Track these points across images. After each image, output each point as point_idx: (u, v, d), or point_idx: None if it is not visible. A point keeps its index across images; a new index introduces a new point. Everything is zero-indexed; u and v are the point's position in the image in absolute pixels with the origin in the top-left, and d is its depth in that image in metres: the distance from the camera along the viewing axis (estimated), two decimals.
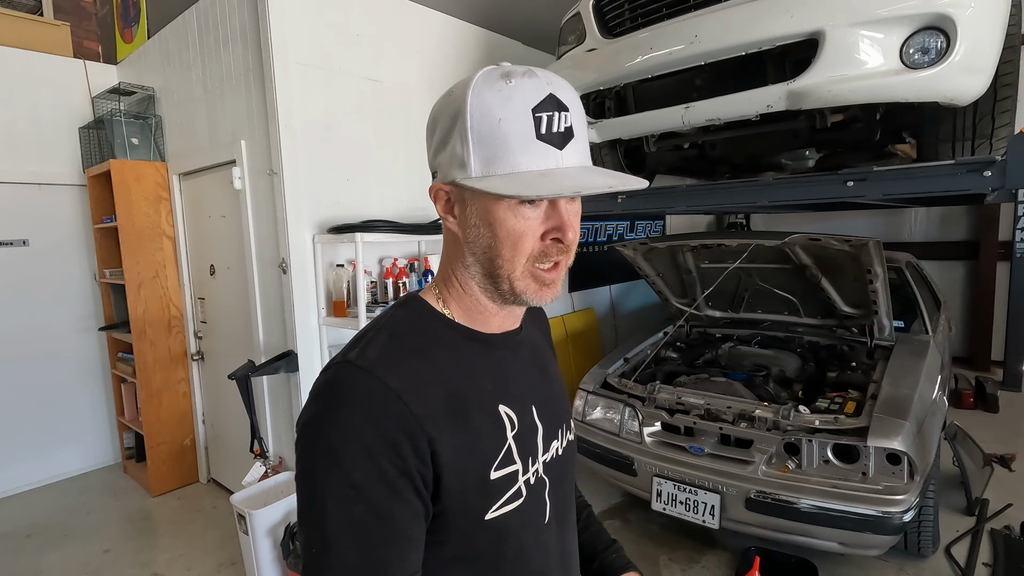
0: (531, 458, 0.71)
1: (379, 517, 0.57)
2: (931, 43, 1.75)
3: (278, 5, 2.48)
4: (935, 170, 1.99)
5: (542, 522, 0.73)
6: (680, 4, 2.16)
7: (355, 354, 0.63)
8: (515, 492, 0.67)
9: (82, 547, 2.95)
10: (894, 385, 2.44)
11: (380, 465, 0.57)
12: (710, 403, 2.55)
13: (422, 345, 0.66)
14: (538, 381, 0.78)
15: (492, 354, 0.71)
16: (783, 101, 1.92)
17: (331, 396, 0.60)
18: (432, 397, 0.62)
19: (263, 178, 2.67)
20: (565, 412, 0.82)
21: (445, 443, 0.61)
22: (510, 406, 0.70)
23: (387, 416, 0.58)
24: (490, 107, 0.60)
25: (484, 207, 0.63)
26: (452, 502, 0.62)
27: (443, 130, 0.63)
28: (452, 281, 0.70)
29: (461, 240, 0.67)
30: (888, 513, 2.04)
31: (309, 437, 0.60)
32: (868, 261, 2.41)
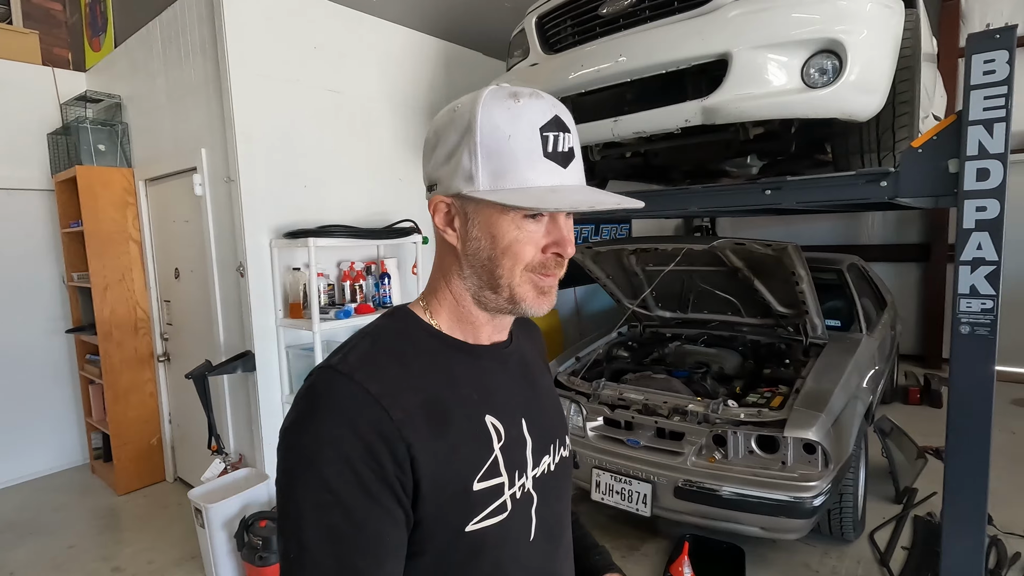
0: (518, 471, 0.70)
1: (355, 524, 0.56)
2: (827, 65, 1.91)
3: (235, 19, 2.60)
4: (839, 180, 2.15)
5: (525, 539, 0.71)
6: (609, 24, 2.31)
7: (336, 360, 0.63)
8: (499, 506, 0.66)
9: (48, 544, 3.03)
10: (817, 380, 2.60)
11: (357, 471, 0.57)
12: (648, 399, 2.69)
13: (404, 353, 0.66)
14: (528, 394, 0.77)
15: (477, 364, 0.71)
16: (699, 116, 2.07)
17: (310, 401, 0.60)
18: (411, 403, 0.61)
19: (222, 185, 2.78)
20: (558, 427, 0.81)
21: (424, 449, 0.60)
22: (496, 417, 0.69)
23: (365, 421, 0.58)
24: (499, 124, 0.62)
25: (488, 220, 0.65)
26: (431, 510, 0.61)
27: (448, 144, 0.65)
28: (443, 292, 0.71)
29: (459, 252, 0.68)
30: (800, 498, 2.19)
31: (288, 442, 0.60)
32: (790, 264, 2.57)
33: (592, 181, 3.29)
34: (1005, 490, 3.17)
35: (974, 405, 1.90)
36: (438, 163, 0.66)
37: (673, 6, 2.15)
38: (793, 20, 1.89)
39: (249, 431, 2.91)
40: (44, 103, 3.78)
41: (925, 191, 1.98)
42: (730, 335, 3.44)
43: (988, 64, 1.77)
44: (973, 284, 1.88)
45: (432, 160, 0.67)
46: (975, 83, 1.79)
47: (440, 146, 0.66)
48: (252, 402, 2.82)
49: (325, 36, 2.96)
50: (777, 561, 2.62)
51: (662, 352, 3.36)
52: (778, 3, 1.92)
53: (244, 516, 2.49)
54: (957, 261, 1.90)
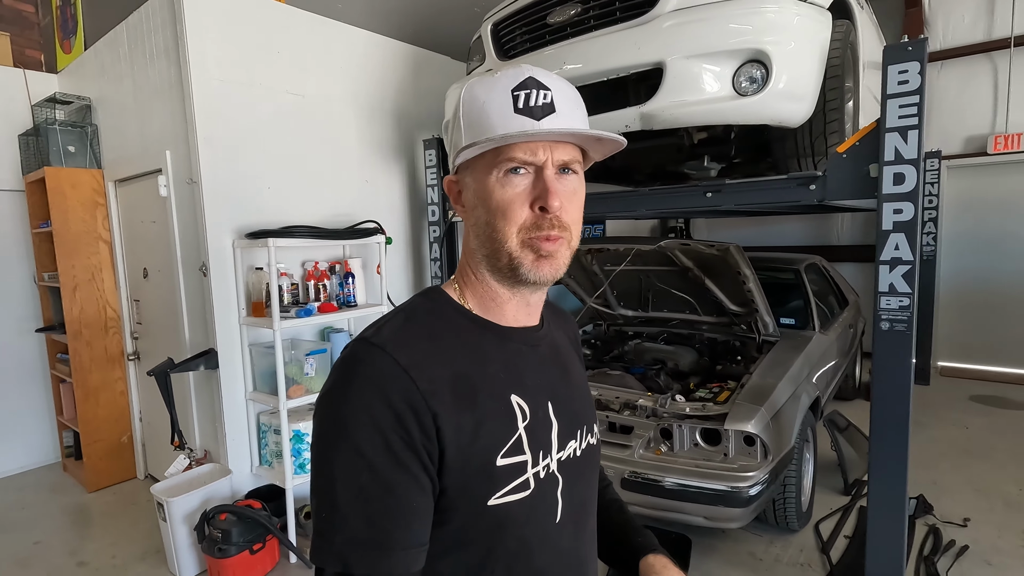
0: (543, 452, 0.71)
1: (384, 486, 0.59)
2: (756, 74, 2.01)
3: (196, 24, 2.66)
4: (772, 183, 2.25)
5: (552, 521, 0.73)
6: (557, 32, 2.40)
7: (371, 332, 0.67)
8: (522, 483, 0.68)
9: (14, 539, 3.07)
10: (761, 376, 2.70)
11: (387, 437, 0.60)
12: (601, 394, 2.78)
13: (435, 329, 0.69)
14: (556, 379, 0.78)
15: (506, 346, 0.73)
16: (638, 122, 2.16)
17: (345, 370, 0.64)
18: (439, 376, 0.64)
19: (185, 186, 2.84)
20: (587, 414, 0.82)
21: (449, 421, 0.63)
22: (522, 397, 0.71)
23: (395, 390, 0.61)
24: (476, 94, 0.68)
25: (478, 184, 0.69)
26: (454, 482, 0.64)
27: (449, 129, 0.72)
28: (467, 271, 0.74)
29: (469, 227, 0.72)
30: (737, 488, 2.29)
31: (323, 408, 0.64)
32: (734, 264, 2.67)
33: None
34: (950, 482, 3.29)
35: (894, 396, 2.00)
36: (449, 149, 0.72)
37: (614, 16, 2.24)
38: (723, 32, 1.99)
39: (213, 428, 2.96)
40: (15, 104, 3.81)
41: (850, 194, 2.08)
42: (689, 333, 3.54)
43: (902, 75, 1.87)
44: (892, 283, 1.98)
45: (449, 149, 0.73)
46: (891, 92, 1.90)
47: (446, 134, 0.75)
48: (215, 399, 2.87)
49: (288, 40, 3.03)
50: (724, 550, 2.71)
51: (622, 349, 3.45)
52: (709, 15, 2.02)
53: (205, 510, 2.55)
54: (877, 261, 2.01)
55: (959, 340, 5.69)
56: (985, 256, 5.55)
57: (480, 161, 0.68)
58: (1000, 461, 3.53)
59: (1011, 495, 3.11)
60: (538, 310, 0.79)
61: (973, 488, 3.21)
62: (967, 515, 2.92)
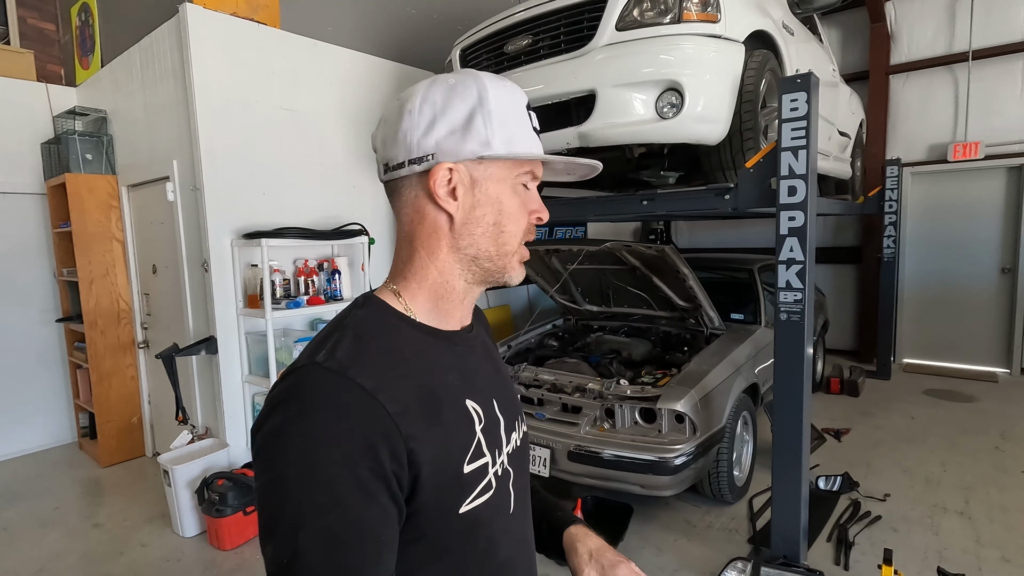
0: (497, 450, 0.73)
1: (353, 524, 0.56)
2: (675, 100, 2.34)
3: (200, 49, 3.02)
4: (694, 194, 2.59)
5: (508, 512, 0.75)
6: (513, 60, 2.74)
7: (322, 356, 0.62)
8: (486, 484, 0.69)
9: (36, 506, 3.45)
10: (698, 364, 3.04)
11: (356, 471, 0.56)
12: (557, 379, 3.12)
13: (389, 343, 0.66)
14: (494, 376, 0.80)
15: (454, 350, 0.72)
16: (576, 140, 2.50)
17: (300, 402, 0.59)
18: (406, 394, 0.62)
19: (190, 192, 3.21)
20: (518, 404, 0.85)
21: (422, 440, 0.61)
22: (475, 400, 0.71)
23: (363, 419, 0.58)
24: (503, 97, 0.69)
25: (496, 185, 0.69)
26: (429, 498, 0.62)
27: (457, 113, 0.67)
28: (426, 271, 0.71)
29: (457, 223, 0.69)
30: (664, 458, 2.62)
31: (275, 447, 0.58)
32: (672, 263, 3.00)
33: None
34: (882, 463, 3.60)
35: (792, 378, 2.33)
36: (442, 132, 0.67)
37: (560, 48, 2.58)
38: (644, 64, 2.33)
39: (213, 406, 3.33)
40: (38, 116, 4.20)
41: (757, 203, 2.41)
42: (646, 327, 3.87)
43: (793, 103, 2.20)
44: (788, 280, 2.31)
45: (432, 130, 0.67)
46: (785, 117, 2.22)
47: (444, 116, 0.67)
48: (214, 380, 3.24)
49: (281, 62, 3.39)
50: (663, 518, 3.05)
51: (584, 341, 3.79)
52: (634, 50, 2.36)
53: (205, 476, 2.92)
54: (776, 261, 2.34)
55: (921, 338, 5.99)
56: (946, 258, 5.85)
57: (495, 165, 0.69)
58: (932, 446, 3.84)
59: (933, 474, 3.42)
60: (472, 311, 0.80)
61: (901, 468, 3.52)
62: (889, 491, 3.23)
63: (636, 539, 2.85)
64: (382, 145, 0.70)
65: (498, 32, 2.81)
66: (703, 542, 2.81)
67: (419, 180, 0.69)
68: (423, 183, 0.68)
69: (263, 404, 0.62)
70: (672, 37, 2.35)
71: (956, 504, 3.08)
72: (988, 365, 5.64)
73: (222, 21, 3.10)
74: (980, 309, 5.67)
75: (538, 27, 2.65)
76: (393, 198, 0.72)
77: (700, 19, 2.39)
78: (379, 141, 0.71)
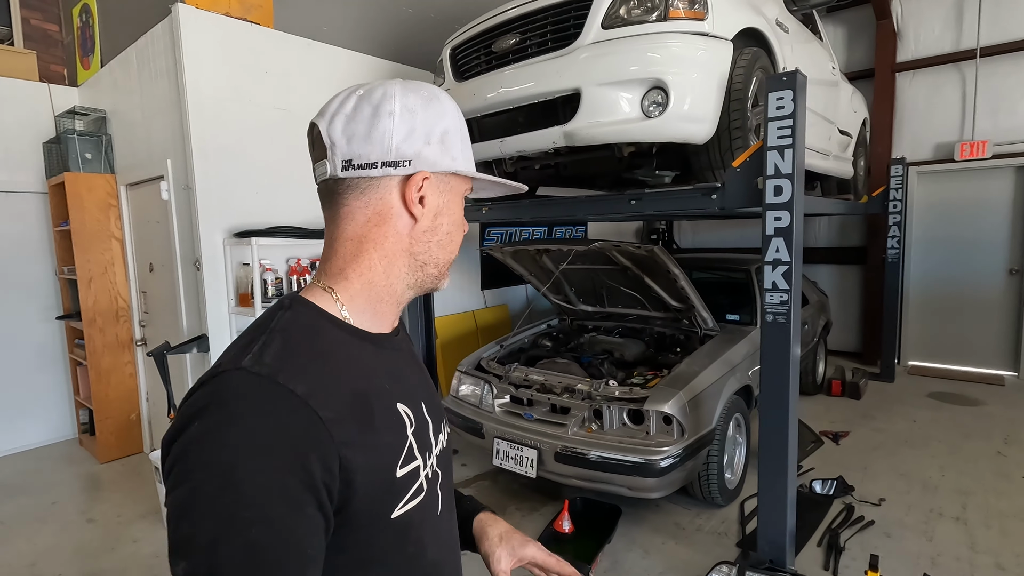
0: (427, 453, 0.73)
1: (278, 538, 0.53)
2: (660, 99, 2.32)
3: (192, 49, 3.04)
4: (682, 193, 2.56)
5: (435, 514, 0.75)
6: (500, 59, 2.73)
7: (249, 361, 0.59)
8: (417, 488, 0.69)
9: (34, 501, 3.49)
10: (688, 365, 3.01)
11: (283, 481, 0.54)
12: (547, 379, 3.11)
13: (320, 347, 0.64)
14: (420, 378, 0.80)
15: (383, 353, 0.72)
16: (562, 139, 2.48)
17: (224, 409, 0.55)
18: (338, 400, 0.60)
19: (183, 191, 3.23)
20: (442, 406, 0.86)
21: (354, 446, 0.60)
22: (406, 403, 0.71)
23: (294, 426, 0.56)
24: (461, 117, 0.74)
25: (450, 199, 0.72)
26: (361, 505, 0.61)
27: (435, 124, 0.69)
28: (370, 275, 0.70)
29: (417, 229, 0.71)
30: (650, 460, 2.60)
31: (195, 457, 0.54)
32: (662, 264, 2.97)
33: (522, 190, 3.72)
34: (879, 467, 3.55)
35: (778, 378, 2.29)
36: (421, 141, 0.68)
37: (546, 47, 2.57)
38: (627, 62, 2.30)
39: None
40: (39, 115, 4.26)
41: (744, 203, 2.38)
42: (641, 327, 3.84)
43: (780, 101, 2.17)
44: (774, 280, 2.27)
45: (412, 137, 0.67)
46: (771, 116, 2.19)
47: (425, 126, 0.68)
48: None
49: (274, 62, 3.40)
50: (652, 519, 3.02)
51: (578, 341, 3.77)
52: (617, 49, 2.33)
53: None
54: (763, 262, 2.30)
55: (927, 340, 5.90)
56: (953, 259, 5.75)
57: (456, 179, 0.73)
58: (933, 450, 3.78)
59: (931, 480, 3.36)
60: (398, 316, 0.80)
61: (898, 473, 3.47)
62: (885, 496, 3.18)
63: (623, 541, 2.83)
64: (345, 140, 0.67)
65: (486, 31, 2.80)
66: (691, 545, 2.78)
67: (390, 183, 0.68)
68: (395, 187, 0.68)
69: (178, 412, 0.58)
70: (658, 35, 2.32)
71: (953, 510, 3.02)
72: (995, 368, 5.53)
73: (215, 21, 3.11)
74: (987, 311, 5.57)
75: (525, 25, 2.64)
76: (347, 195, 0.69)
77: (687, 16, 2.36)
78: (338, 134, 0.67)
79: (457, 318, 4.61)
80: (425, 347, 3.84)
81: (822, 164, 3.87)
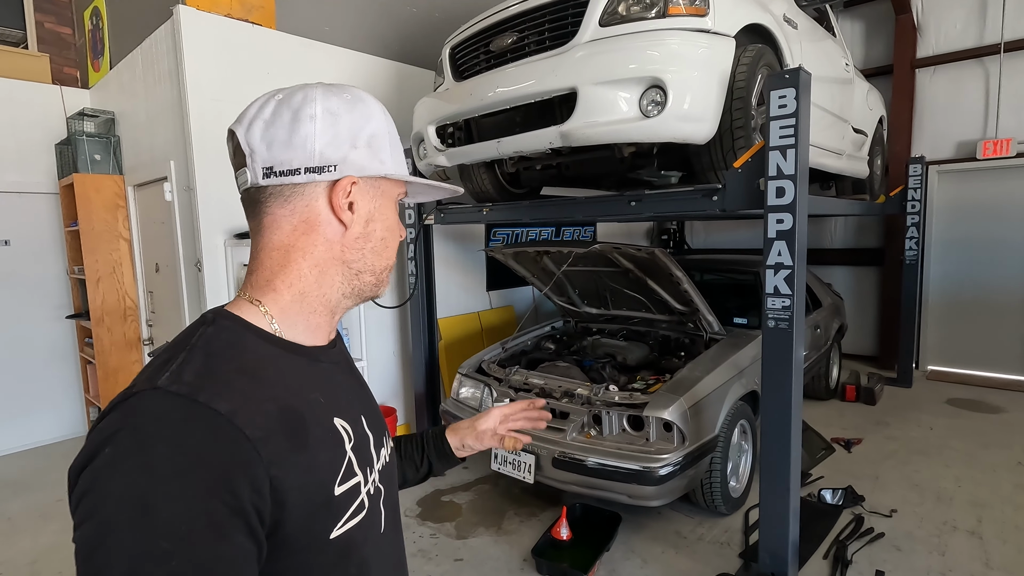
0: (368, 468, 0.71)
1: (201, 569, 0.49)
2: (658, 98, 2.25)
3: (193, 52, 3.05)
4: (682, 194, 2.49)
5: (379, 532, 0.72)
6: (497, 59, 2.69)
7: (166, 379, 0.55)
8: (359, 505, 0.66)
9: (40, 497, 3.54)
10: (691, 370, 2.93)
11: (207, 507, 0.50)
12: (546, 383, 3.06)
13: (245, 363, 0.60)
14: (359, 392, 0.78)
15: (317, 367, 0.68)
16: (559, 139, 2.43)
17: (138, 433, 0.51)
18: (266, 417, 0.57)
19: (186, 192, 3.24)
20: (383, 421, 0.83)
21: (286, 465, 0.56)
22: (343, 418, 0.68)
23: (217, 447, 0.52)
24: (390, 120, 0.72)
25: (386, 202, 0.71)
26: (296, 527, 0.58)
27: (360, 128, 0.67)
28: (300, 286, 0.68)
29: (348, 236, 0.68)
30: (649, 468, 2.54)
31: (104, 486, 0.50)
32: (664, 267, 2.90)
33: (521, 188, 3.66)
34: (891, 477, 3.44)
35: (780, 385, 2.22)
36: (347, 145, 0.66)
37: (544, 46, 2.52)
38: (623, 61, 2.24)
39: None
40: (52, 117, 4.32)
41: (745, 205, 2.31)
42: (646, 330, 3.77)
43: (782, 100, 2.09)
44: (776, 285, 2.20)
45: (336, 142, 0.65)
46: (773, 115, 2.12)
47: (350, 130, 0.66)
48: None
49: (276, 62, 3.40)
50: (653, 527, 2.96)
51: (580, 344, 3.71)
52: (614, 47, 2.27)
53: None
54: (763, 266, 2.23)
55: (947, 344, 5.72)
56: (975, 261, 5.56)
57: (387, 183, 0.71)
58: (949, 460, 3.65)
59: (946, 491, 3.24)
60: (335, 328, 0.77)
61: (912, 483, 3.35)
62: (896, 507, 3.08)
63: (622, 549, 2.77)
64: (265, 146, 0.65)
65: (485, 30, 2.76)
66: (691, 555, 2.71)
67: (316, 190, 0.66)
68: (321, 193, 0.66)
69: (87, 438, 0.54)
70: (657, 32, 2.26)
71: (967, 523, 2.91)
72: (1018, 374, 5.34)
73: (216, 23, 3.12)
74: (1010, 314, 5.37)
75: (523, 24, 2.59)
76: (270, 203, 0.66)
77: (688, 13, 2.29)
78: (257, 141, 0.65)
79: (462, 319, 4.58)
80: (427, 349, 3.81)
81: (835, 164, 3.76)
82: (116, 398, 0.56)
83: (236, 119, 0.68)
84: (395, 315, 4.16)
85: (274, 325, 0.66)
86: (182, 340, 0.62)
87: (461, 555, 2.78)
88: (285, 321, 0.67)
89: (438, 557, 2.77)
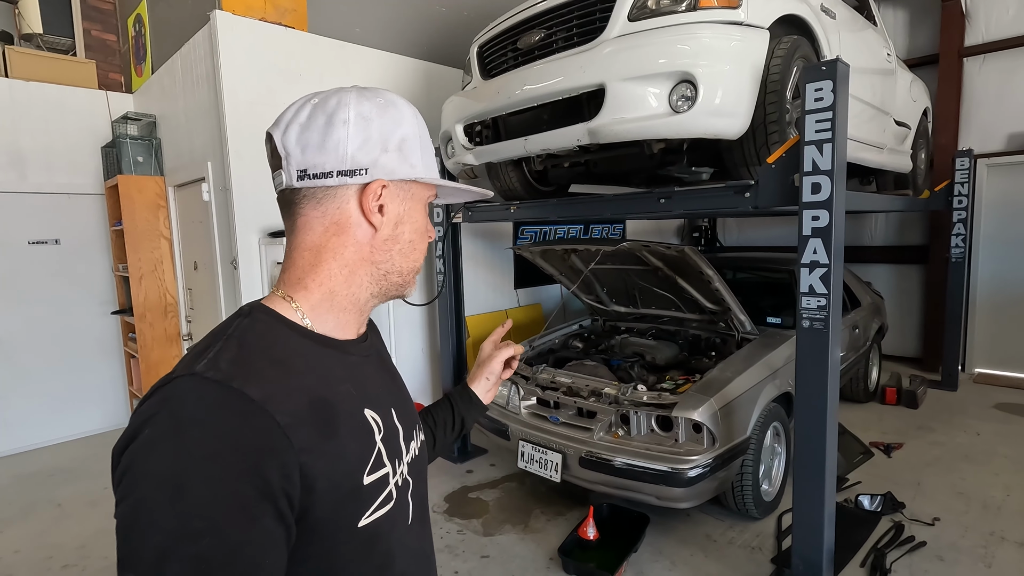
0: (397, 460, 0.72)
1: (230, 551, 0.51)
2: (689, 93, 2.21)
3: (229, 56, 3.13)
4: (713, 191, 2.44)
5: (406, 524, 0.74)
6: (525, 56, 2.68)
7: (202, 366, 0.57)
8: (387, 496, 0.68)
9: (89, 484, 3.71)
10: (722, 370, 2.87)
11: (237, 489, 0.52)
12: (574, 382, 3.04)
13: (278, 353, 0.63)
14: (391, 385, 0.80)
15: (348, 360, 0.71)
16: (586, 137, 2.41)
17: (174, 416, 0.54)
18: (298, 405, 0.59)
19: (222, 192, 3.34)
20: (415, 412, 0.85)
21: (315, 452, 0.58)
22: (374, 410, 0.70)
23: (249, 431, 0.54)
24: (422, 124, 0.74)
25: (412, 207, 0.73)
26: (325, 514, 0.60)
27: (392, 133, 0.69)
28: (330, 285, 0.70)
29: (378, 238, 0.70)
30: (678, 469, 2.50)
31: (142, 466, 0.52)
32: (694, 265, 2.85)
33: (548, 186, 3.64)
34: (935, 484, 3.30)
35: (814, 389, 2.15)
36: (378, 149, 0.67)
37: (572, 42, 2.50)
38: (652, 56, 2.20)
39: None
40: (98, 121, 4.50)
41: (779, 202, 2.24)
42: (676, 329, 3.71)
43: (818, 92, 2.02)
44: (811, 284, 2.14)
45: (368, 145, 0.67)
46: (808, 109, 2.05)
47: (381, 134, 0.68)
48: None
49: (308, 64, 3.46)
50: (682, 530, 2.91)
51: (608, 343, 3.68)
52: (643, 42, 2.24)
53: None
54: (798, 264, 2.17)
55: (996, 346, 5.46)
56: None
57: (416, 186, 0.73)
58: (996, 467, 3.48)
59: (993, 499, 3.10)
60: (366, 323, 0.80)
61: (956, 491, 3.21)
62: (939, 515, 2.95)
63: (650, 551, 2.73)
64: (300, 149, 0.67)
65: (513, 27, 2.75)
66: (721, 559, 2.66)
67: (347, 192, 0.68)
68: (352, 196, 0.68)
69: (130, 420, 0.57)
70: (687, 26, 2.21)
71: (1017, 534, 2.77)
72: None
73: (250, 26, 3.20)
74: None
75: (551, 20, 2.57)
76: (303, 205, 0.69)
77: (720, 5, 2.24)
78: (292, 144, 0.67)
79: (490, 317, 4.59)
80: (455, 346, 3.84)
81: (875, 158, 3.62)
82: (157, 383, 0.58)
83: (274, 122, 0.70)
84: (424, 312, 4.21)
85: (305, 320, 0.69)
86: (220, 330, 0.65)
87: (488, 552, 2.79)
88: (316, 317, 0.70)
89: (464, 553, 2.78)
